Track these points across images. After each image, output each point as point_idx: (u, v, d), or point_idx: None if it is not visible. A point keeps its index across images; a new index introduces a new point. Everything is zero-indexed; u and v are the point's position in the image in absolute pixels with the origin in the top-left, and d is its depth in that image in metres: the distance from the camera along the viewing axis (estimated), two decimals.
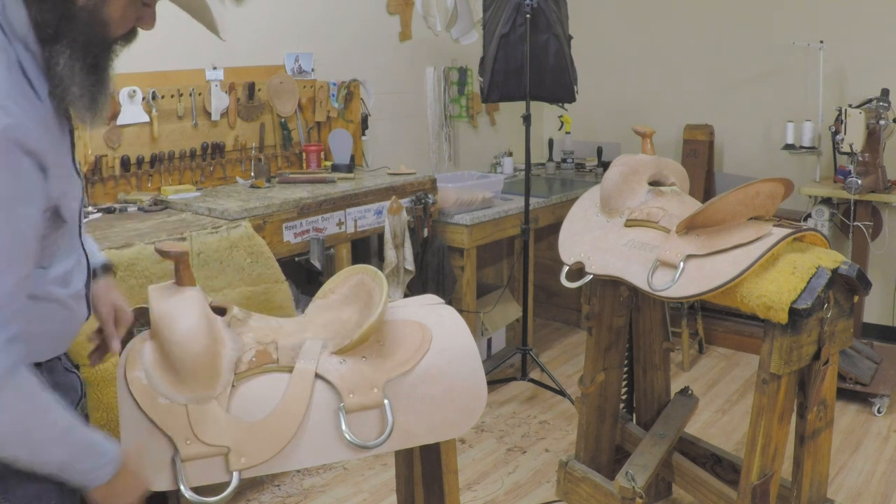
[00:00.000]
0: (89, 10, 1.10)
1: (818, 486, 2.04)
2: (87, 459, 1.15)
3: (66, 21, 1.09)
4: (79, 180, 1.25)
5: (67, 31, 1.10)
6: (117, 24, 1.14)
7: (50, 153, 1.08)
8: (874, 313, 4.13)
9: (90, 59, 1.13)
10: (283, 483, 2.82)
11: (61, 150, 1.16)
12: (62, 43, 1.10)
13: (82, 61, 1.12)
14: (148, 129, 3.00)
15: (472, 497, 2.78)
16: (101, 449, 1.17)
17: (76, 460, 1.14)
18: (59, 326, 1.25)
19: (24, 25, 1.07)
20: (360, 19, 3.92)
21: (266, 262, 2.58)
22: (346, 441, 1.35)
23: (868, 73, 3.96)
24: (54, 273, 1.20)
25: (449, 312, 1.56)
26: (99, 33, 1.12)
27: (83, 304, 1.30)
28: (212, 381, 1.32)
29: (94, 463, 1.16)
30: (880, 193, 3.66)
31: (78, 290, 1.26)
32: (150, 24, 1.19)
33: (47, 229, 1.14)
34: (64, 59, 1.09)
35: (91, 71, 1.13)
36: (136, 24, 1.18)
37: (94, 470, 1.17)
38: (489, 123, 4.81)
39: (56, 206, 1.13)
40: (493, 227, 3.65)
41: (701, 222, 2.00)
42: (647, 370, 2.64)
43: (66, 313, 1.24)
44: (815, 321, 1.84)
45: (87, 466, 1.16)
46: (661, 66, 4.71)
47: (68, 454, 1.13)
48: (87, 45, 1.12)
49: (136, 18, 1.17)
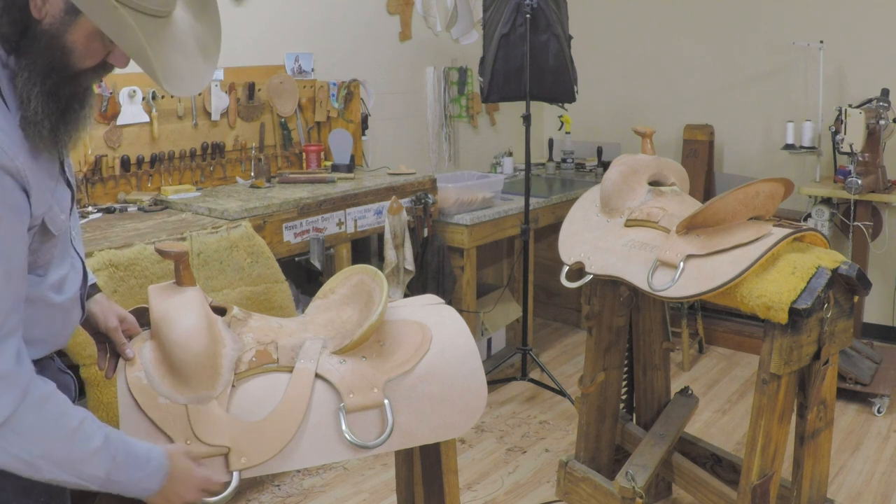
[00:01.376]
0: (51, 35, 1.08)
1: (818, 486, 2.04)
2: (130, 471, 1.16)
3: (28, 40, 1.08)
4: (67, 190, 1.24)
5: (27, 51, 1.08)
6: (81, 54, 1.10)
7: (31, 170, 1.07)
8: (874, 313, 4.13)
9: (48, 86, 1.09)
10: (283, 483, 2.82)
11: (46, 165, 1.14)
12: (21, 62, 1.08)
13: (40, 86, 1.09)
14: (148, 129, 3.00)
15: (472, 497, 2.78)
16: (145, 458, 1.18)
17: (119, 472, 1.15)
18: (56, 329, 1.26)
19: None
20: (360, 19, 3.92)
21: (266, 262, 2.58)
22: (346, 441, 1.35)
23: (868, 73, 3.96)
24: (50, 280, 1.21)
25: (449, 312, 1.56)
26: (60, 59, 1.09)
27: (77, 306, 1.30)
28: (212, 381, 1.32)
29: (139, 473, 1.17)
30: (880, 193, 3.66)
31: (73, 294, 1.27)
32: (121, 63, 1.15)
33: (36, 243, 1.14)
34: (22, 80, 1.08)
35: (51, 98, 1.10)
36: (107, 58, 1.14)
37: (142, 480, 1.18)
38: (489, 123, 4.81)
39: (42, 222, 1.13)
40: (493, 227, 3.65)
41: (701, 222, 2.00)
42: (647, 370, 2.64)
43: (61, 316, 1.25)
44: (815, 321, 1.84)
45: (133, 478, 1.17)
46: (661, 66, 4.71)
47: (107, 469, 1.13)
48: (46, 69, 1.09)
49: (107, 53, 1.13)
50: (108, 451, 1.14)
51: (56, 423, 1.10)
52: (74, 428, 1.11)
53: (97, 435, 1.14)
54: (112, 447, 1.15)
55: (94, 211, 2.76)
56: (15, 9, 1.07)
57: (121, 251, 2.25)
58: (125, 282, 2.23)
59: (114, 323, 1.38)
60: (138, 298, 2.19)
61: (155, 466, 1.19)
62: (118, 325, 1.39)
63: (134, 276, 2.24)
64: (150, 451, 1.20)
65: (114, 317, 1.39)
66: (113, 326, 1.38)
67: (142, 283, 2.24)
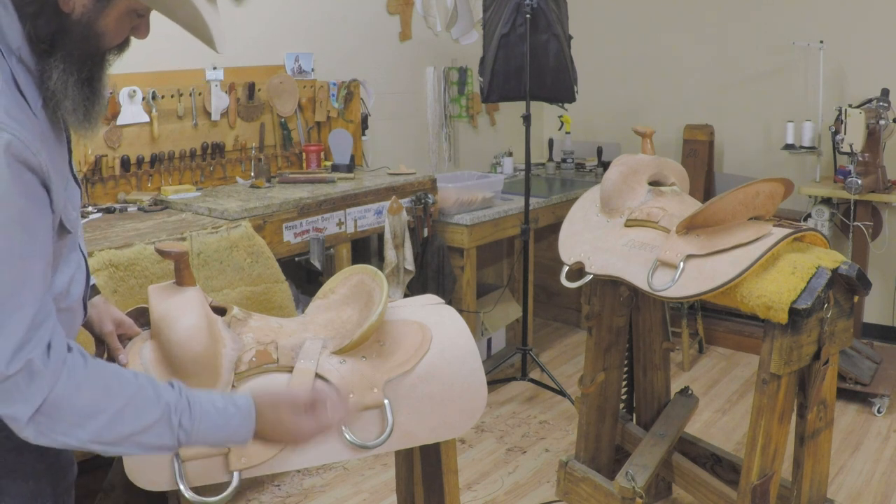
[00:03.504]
0: (84, 24, 1.09)
1: (818, 486, 2.04)
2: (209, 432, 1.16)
3: (61, 35, 1.09)
4: (77, 188, 1.25)
5: (62, 45, 1.09)
6: (112, 35, 1.13)
7: (50, 167, 1.07)
8: (874, 313, 4.13)
9: (84, 73, 1.12)
10: (283, 483, 2.82)
11: (59, 161, 1.15)
12: (56, 57, 1.09)
13: (77, 75, 1.11)
14: (148, 129, 3.00)
15: (472, 497, 2.78)
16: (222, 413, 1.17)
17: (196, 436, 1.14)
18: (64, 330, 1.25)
19: (18, 39, 1.06)
20: (360, 19, 3.92)
21: (266, 262, 2.58)
22: (346, 441, 1.35)
23: (868, 73, 3.96)
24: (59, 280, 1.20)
25: (449, 312, 1.56)
26: (94, 46, 1.12)
27: (81, 307, 1.30)
28: (212, 381, 1.32)
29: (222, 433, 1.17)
30: (880, 193, 3.66)
31: (78, 294, 1.26)
32: (143, 34, 1.18)
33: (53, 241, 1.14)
34: (57, 73, 1.09)
35: (85, 84, 1.13)
36: (130, 34, 1.17)
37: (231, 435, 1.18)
38: (489, 123, 4.81)
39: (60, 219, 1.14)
40: (493, 227, 3.65)
41: (701, 222, 2.00)
42: (647, 370, 2.64)
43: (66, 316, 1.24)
44: (815, 321, 1.84)
45: (219, 436, 1.17)
46: (661, 66, 4.71)
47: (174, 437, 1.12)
48: (81, 58, 1.11)
49: (131, 29, 1.16)
50: (170, 423, 1.12)
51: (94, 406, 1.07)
52: (120, 408, 1.08)
53: (152, 409, 1.11)
54: (176, 416, 1.12)
55: (94, 211, 2.76)
56: (48, 9, 1.08)
57: (121, 251, 2.25)
58: (125, 282, 2.23)
59: (109, 327, 1.38)
60: (138, 298, 2.19)
61: (241, 417, 1.18)
62: (113, 330, 1.38)
63: (134, 276, 2.24)
64: (230, 403, 1.18)
65: (109, 321, 1.39)
66: (108, 331, 1.38)
67: (142, 283, 2.24)
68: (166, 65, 3.02)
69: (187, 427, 1.13)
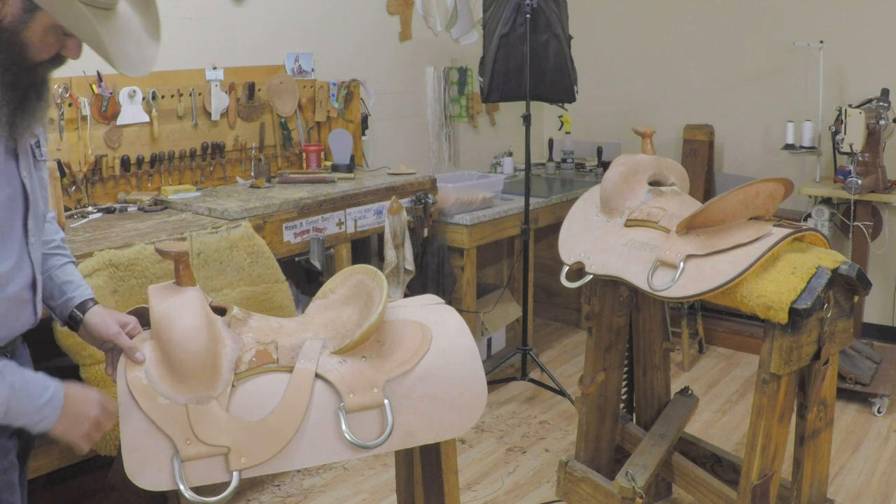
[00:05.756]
0: (11, 31, 1.17)
1: (818, 486, 2.04)
2: (28, 399, 1.22)
3: None
4: (19, 190, 1.28)
5: None
6: (38, 47, 1.21)
7: None
8: (874, 313, 4.13)
9: (8, 77, 1.19)
10: (283, 483, 2.82)
11: None
12: None
13: (1, 77, 1.18)
14: (148, 129, 3.00)
15: (472, 497, 2.78)
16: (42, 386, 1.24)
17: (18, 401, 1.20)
18: None
19: None
20: (360, 19, 3.92)
21: (266, 262, 2.58)
22: (346, 441, 1.35)
23: (868, 73, 3.96)
24: None
25: (449, 312, 1.56)
26: (18, 53, 1.19)
27: (27, 308, 1.33)
28: (212, 380, 1.32)
29: (36, 402, 1.22)
30: (880, 193, 3.66)
31: (15, 294, 1.29)
32: (74, 54, 1.25)
33: None
34: None
35: (9, 88, 1.19)
36: (61, 51, 1.24)
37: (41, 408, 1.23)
38: (489, 123, 4.81)
39: None
40: (493, 227, 3.65)
41: (701, 222, 2.00)
42: (647, 370, 2.64)
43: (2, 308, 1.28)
44: (815, 321, 1.84)
45: (32, 406, 1.22)
46: (661, 66, 4.71)
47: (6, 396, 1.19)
48: (6, 62, 1.19)
49: (60, 46, 1.23)
50: (5, 380, 1.19)
51: None
52: None
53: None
54: (9, 377, 1.20)
55: (94, 211, 2.76)
56: None
57: (121, 251, 2.25)
58: (125, 282, 2.23)
59: (115, 329, 1.40)
60: (138, 298, 2.19)
61: (51, 394, 1.24)
62: (120, 331, 1.40)
63: (134, 276, 2.24)
64: (47, 380, 1.26)
65: (114, 323, 1.41)
66: (115, 332, 1.39)
67: (142, 283, 2.24)
68: (166, 65, 3.02)
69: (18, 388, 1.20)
